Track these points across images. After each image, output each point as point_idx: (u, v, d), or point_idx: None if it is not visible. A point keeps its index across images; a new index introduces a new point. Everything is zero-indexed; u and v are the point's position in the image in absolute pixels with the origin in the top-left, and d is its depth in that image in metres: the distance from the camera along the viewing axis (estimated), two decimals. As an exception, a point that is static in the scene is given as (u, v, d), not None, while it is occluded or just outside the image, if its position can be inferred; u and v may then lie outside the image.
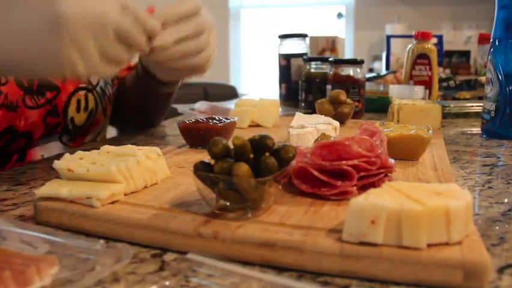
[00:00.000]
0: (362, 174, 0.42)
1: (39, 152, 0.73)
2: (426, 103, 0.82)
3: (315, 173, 0.42)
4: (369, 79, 1.54)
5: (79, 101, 0.75)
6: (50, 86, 0.70)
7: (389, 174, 0.45)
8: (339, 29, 3.45)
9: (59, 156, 0.47)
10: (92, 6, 0.49)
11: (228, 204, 0.38)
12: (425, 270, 0.31)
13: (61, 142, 0.76)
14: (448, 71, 1.99)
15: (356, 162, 0.42)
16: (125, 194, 0.43)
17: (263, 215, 0.38)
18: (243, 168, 0.36)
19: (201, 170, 0.38)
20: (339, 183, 0.41)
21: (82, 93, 0.75)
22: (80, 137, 0.79)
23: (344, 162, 0.42)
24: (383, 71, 1.86)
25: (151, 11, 0.58)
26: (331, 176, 0.42)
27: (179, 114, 1.13)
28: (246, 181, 0.36)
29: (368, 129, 0.51)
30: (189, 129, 0.67)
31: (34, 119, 0.68)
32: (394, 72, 1.63)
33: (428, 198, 0.33)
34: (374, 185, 0.43)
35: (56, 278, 0.30)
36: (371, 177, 0.43)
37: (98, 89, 0.79)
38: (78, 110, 0.75)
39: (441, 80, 1.37)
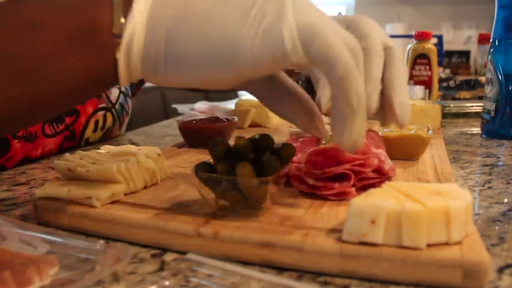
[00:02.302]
0: (362, 176, 0.43)
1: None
2: (426, 103, 0.82)
3: (311, 181, 0.42)
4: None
5: (96, 122, 0.73)
6: (71, 110, 0.68)
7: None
8: (339, 29, 3.45)
9: (59, 156, 0.47)
10: None
11: (228, 204, 0.38)
12: (425, 270, 0.31)
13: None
14: (447, 71, 1.99)
15: (347, 166, 0.42)
16: (125, 194, 0.43)
17: (263, 215, 0.38)
18: (247, 168, 0.36)
19: (203, 171, 0.38)
20: (336, 185, 0.41)
21: (101, 113, 0.73)
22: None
23: (334, 168, 0.42)
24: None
25: None
26: (328, 180, 0.42)
27: (179, 114, 1.13)
28: (249, 181, 0.36)
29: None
30: (189, 129, 0.67)
31: (51, 147, 0.67)
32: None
33: (428, 198, 0.33)
34: (373, 185, 0.43)
35: (56, 278, 0.30)
36: (371, 179, 0.43)
37: (117, 106, 0.77)
38: (95, 130, 0.74)
39: (441, 80, 1.38)
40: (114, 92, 0.77)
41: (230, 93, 2.03)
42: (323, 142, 0.50)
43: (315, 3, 0.34)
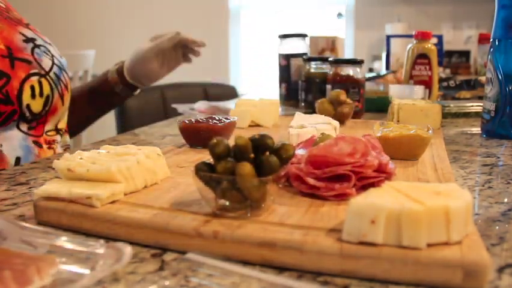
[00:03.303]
0: (362, 175, 0.43)
1: None
2: (426, 103, 0.82)
3: (311, 181, 0.42)
4: (369, 79, 1.54)
5: (32, 87, 0.73)
6: (0, 73, 0.69)
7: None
8: (339, 29, 3.45)
9: (59, 156, 0.47)
10: None
11: (228, 204, 0.38)
12: (425, 270, 0.31)
13: (20, 131, 0.74)
14: (447, 70, 1.98)
15: (348, 167, 0.42)
16: (125, 194, 0.43)
17: (263, 214, 0.38)
18: (247, 168, 0.36)
19: (203, 171, 0.38)
20: (336, 186, 0.41)
21: (35, 78, 0.74)
22: (39, 125, 0.78)
23: (334, 168, 0.42)
24: (383, 71, 1.85)
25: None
26: (329, 180, 0.42)
27: (179, 114, 1.13)
28: (249, 180, 0.36)
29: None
30: (189, 129, 0.67)
31: None
32: (394, 72, 1.62)
33: (428, 198, 0.33)
34: (373, 185, 0.43)
35: (56, 277, 0.30)
36: (371, 178, 0.43)
37: (52, 74, 0.77)
38: (33, 96, 0.73)
39: (441, 80, 1.37)
40: (45, 61, 0.77)
41: (230, 93, 2.03)
42: (317, 140, 0.50)
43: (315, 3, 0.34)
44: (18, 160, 0.73)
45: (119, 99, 1.00)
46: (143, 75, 0.96)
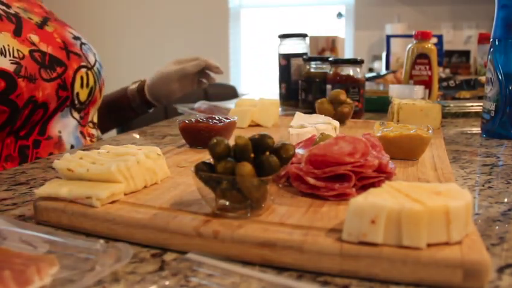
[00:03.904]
0: (362, 175, 0.43)
1: (56, 128, 0.80)
2: (426, 103, 0.82)
3: (311, 181, 0.42)
4: (369, 79, 1.54)
5: (82, 78, 0.82)
6: (59, 62, 0.78)
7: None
8: (339, 28, 3.45)
9: (59, 156, 0.47)
10: None
11: (228, 203, 0.38)
12: (425, 270, 0.31)
13: (73, 118, 0.83)
14: (447, 70, 1.99)
15: (348, 167, 0.42)
16: (125, 194, 0.43)
17: (263, 214, 0.38)
18: (247, 168, 0.36)
19: (203, 171, 0.38)
20: (336, 186, 0.41)
21: (84, 70, 0.83)
22: (85, 115, 0.87)
23: (334, 168, 0.42)
24: (383, 71, 1.85)
25: None
26: (328, 180, 0.42)
27: (179, 114, 1.13)
28: (250, 180, 0.36)
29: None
30: (189, 129, 0.67)
31: (49, 91, 0.75)
32: (394, 72, 1.62)
33: (428, 198, 0.33)
34: (374, 185, 0.43)
35: (56, 277, 0.30)
36: (371, 178, 0.43)
37: (95, 69, 0.86)
38: (82, 86, 0.82)
39: (441, 80, 1.37)
40: (90, 56, 0.87)
41: (230, 93, 2.03)
42: (317, 139, 0.50)
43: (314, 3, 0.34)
44: (72, 148, 0.81)
45: (134, 114, 1.07)
46: (163, 94, 1.01)
